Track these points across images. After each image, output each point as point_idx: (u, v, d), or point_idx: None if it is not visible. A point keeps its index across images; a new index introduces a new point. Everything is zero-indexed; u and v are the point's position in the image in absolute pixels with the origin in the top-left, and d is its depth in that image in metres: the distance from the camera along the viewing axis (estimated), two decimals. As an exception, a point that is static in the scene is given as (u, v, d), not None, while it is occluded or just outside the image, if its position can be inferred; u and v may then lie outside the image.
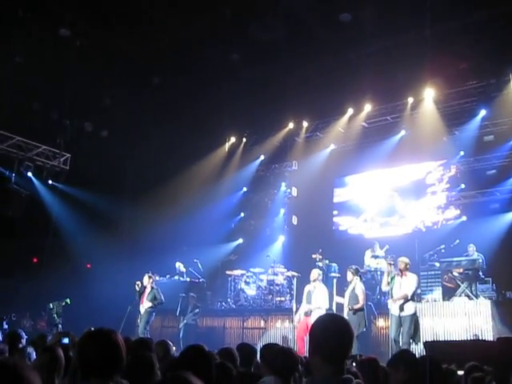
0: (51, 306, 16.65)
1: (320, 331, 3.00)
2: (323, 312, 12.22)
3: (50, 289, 17.24)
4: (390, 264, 11.81)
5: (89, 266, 20.26)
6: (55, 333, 11.90)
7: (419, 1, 13.39)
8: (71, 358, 5.06)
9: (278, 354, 4.93)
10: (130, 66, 16.77)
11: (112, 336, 3.16)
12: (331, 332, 2.95)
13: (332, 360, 2.89)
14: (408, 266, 11.54)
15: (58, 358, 5.02)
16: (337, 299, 12.81)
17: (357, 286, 12.18)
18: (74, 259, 18.83)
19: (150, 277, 14.73)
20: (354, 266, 12.60)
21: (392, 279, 11.58)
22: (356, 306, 11.88)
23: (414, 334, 11.28)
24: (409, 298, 11.33)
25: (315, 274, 12.77)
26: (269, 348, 5.78)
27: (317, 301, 12.39)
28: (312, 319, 12.18)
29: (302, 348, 11.88)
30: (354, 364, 6.41)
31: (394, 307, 11.39)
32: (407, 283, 11.38)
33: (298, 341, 12.55)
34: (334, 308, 12.56)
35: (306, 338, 12.43)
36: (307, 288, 12.81)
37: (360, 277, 12.48)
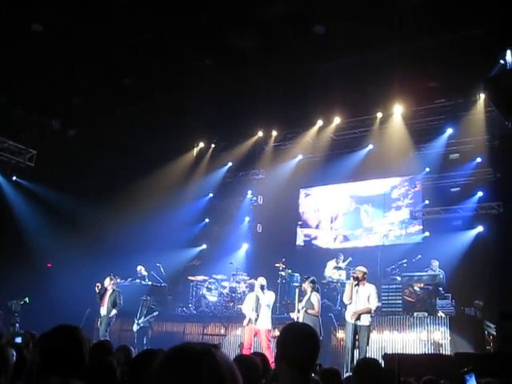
0: (9, 304, 16.39)
1: (288, 338, 3.01)
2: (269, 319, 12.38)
3: (8, 287, 16.94)
4: (354, 277, 11.81)
5: (49, 265, 19.95)
6: (9, 332, 11.73)
7: (392, 18, 13.58)
8: (25, 358, 4.96)
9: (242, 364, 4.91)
10: (100, 65, 16.62)
11: (76, 332, 3.13)
12: (298, 340, 2.97)
13: (299, 367, 2.90)
14: (365, 276, 11.59)
15: (6, 358, 4.91)
16: (292, 315, 12.84)
17: (312, 295, 12.19)
18: (34, 258, 18.53)
19: (111, 279, 14.62)
20: (310, 277, 12.61)
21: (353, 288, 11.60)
22: (310, 311, 11.87)
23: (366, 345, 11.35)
24: (372, 312, 11.39)
25: (264, 281, 12.81)
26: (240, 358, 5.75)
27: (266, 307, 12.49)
28: (261, 326, 12.28)
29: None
30: (313, 374, 6.42)
31: (349, 316, 11.42)
32: (368, 295, 11.41)
33: (246, 349, 12.47)
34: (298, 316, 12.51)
35: (254, 344, 12.50)
36: (254, 294, 12.82)
37: (317, 289, 12.43)
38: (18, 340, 7.06)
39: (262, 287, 12.62)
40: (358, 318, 11.18)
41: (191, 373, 1.54)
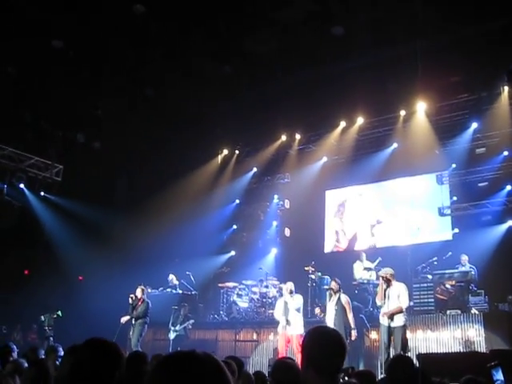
0: (42, 318, 16.56)
1: (314, 344, 2.99)
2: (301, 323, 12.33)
3: (41, 301, 17.14)
4: (384, 279, 11.70)
5: (81, 278, 20.16)
6: (48, 346, 11.83)
7: (412, 15, 13.51)
8: (47, 371, 5.01)
9: (283, 368, 4.90)
10: (123, 77, 16.78)
11: (109, 346, 3.14)
12: (325, 344, 2.94)
13: (326, 372, 2.88)
14: (393, 276, 11.49)
15: (46, 371, 4.98)
16: (317, 310, 12.83)
17: (342, 296, 12.17)
18: (65, 271, 18.73)
19: (142, 289, 14.67)
20: (336, 278, 12.62)
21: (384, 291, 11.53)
22: (348, 323, 11.89)
23: (405, 345, 11.23)
24: (403, 311, 11.31)
25: (292, 285, 12.78)
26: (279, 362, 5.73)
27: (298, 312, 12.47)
28: (293, 331, 12.24)
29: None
30: (346, 378, 6.38)
31: (383, 317, 11.35)
32: (398, 294, 11.32)
33: (280, 354, 12.45)
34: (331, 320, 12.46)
35: (289, 350, 12.46)
36: (283, 299, 12.80)
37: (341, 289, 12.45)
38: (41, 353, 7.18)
39: (291, 292, 12.59)
40: (391, 319, 11.09)
41: (193, 377, 1.57)
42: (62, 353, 6.93)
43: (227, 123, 19.26)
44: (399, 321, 11.22)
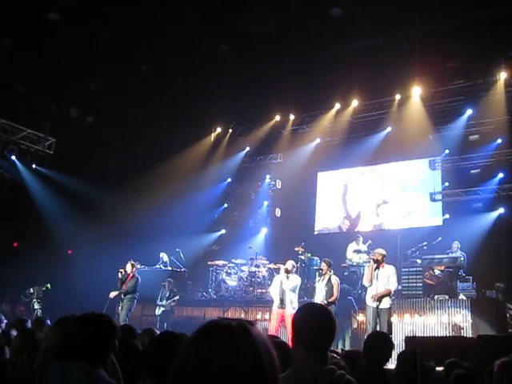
0: (31, 290, 16.55)
1: (303, 321, 3.00)
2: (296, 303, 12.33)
3: (30, 274, 17.11)
4: (373, 260, 11.77)
5: (70, 252, 20.14)
6: (35, 318, 11.83)
7: (410, -1, 13.44)
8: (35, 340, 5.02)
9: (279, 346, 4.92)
10: (118, 52, 16.64)
11: (108, 321, 3.15)
12: (314, 322, 2.95)
13: (315, 350, 2.89)
14: (384, 258, 11.56)
15: (37, 341, 4.99)
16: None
17: (332, 277, 12.22)
18: (55, 245, 18.70)
19: (132, 265, 14.66)
20: (327, 259, 12.65)
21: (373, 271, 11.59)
22: (331, 299, 11.92)
23: (390, 327, 11.33)
24: (392, 294, 11.38)
25: (290, 265, 12.76)
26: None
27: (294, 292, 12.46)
28: (287, 311, 12.25)
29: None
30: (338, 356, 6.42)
31: (370, 299, 11.42)
32: (388, 276, 11.39)
33: (273, 332, 12.48)
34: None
35: (280, 330, 12.48)
36: (279, 278, 12.78)
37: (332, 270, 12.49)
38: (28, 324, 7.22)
39: (287, 271, 12.58)
40: (379, 301, 11.16)
41: (225, 349, 1.49)
42: (49, 324, 6.94)
43: (221, 101, 19.18)
44: (386, 303, 11.31)
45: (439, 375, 5.65)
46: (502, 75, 16.17)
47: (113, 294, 14.23)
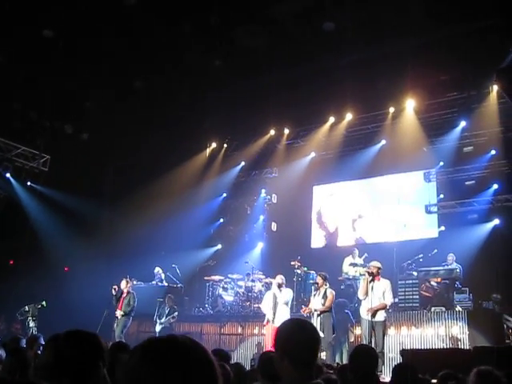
0: (27, 308, 16.48)
1: (287, 336, 2.99)
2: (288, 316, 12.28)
3: (25, 291, 17.06)
4: (368, 273, 11.76)
5: (66, 269, 20.08)
6: (30, 336, 11.79)
7: (402, 12, 13.53)
8: (25, 359, 5.00)
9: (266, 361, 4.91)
10: (111, 68, 16.67)
11: (95, 339, 3.13)
12: (298, 336, 2.94)
13: (301, 365, 2.88)
14: (380, 271, 11.57)
15: (28, 360, 4.96)
16: (302, 309, 12.85)
17: (327, 290, 12.22)
18: (51, 262, 18.64)
19: (127, 281, 14.65)
20: (322, 273, 12.65)
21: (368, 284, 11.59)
22: (321, 308, 11.90)
23: (382, 340, 11.32)
24: (387, 308, 11.38)
25: (280, 279, 12.74)
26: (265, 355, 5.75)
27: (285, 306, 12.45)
28: (276, 325, 12.19)
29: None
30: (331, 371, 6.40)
31: (364, 312, 11.40)
32: (383, 290, 11.39)
33: (268, 347, 12.43)
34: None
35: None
36: (271, 293, 12.75)
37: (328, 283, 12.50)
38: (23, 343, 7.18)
39: (280, 285, 12.57)
40: (373, 315, 11.15)
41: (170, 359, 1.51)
42: (43, 342, 6.91)
43: (216, 116, 19.23)
44: (380, 316, 11.31)
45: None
46: (495, 87, 16.22)
47: (119, 314, 14.24)
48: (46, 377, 3.24)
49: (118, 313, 14.27)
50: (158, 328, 15.50)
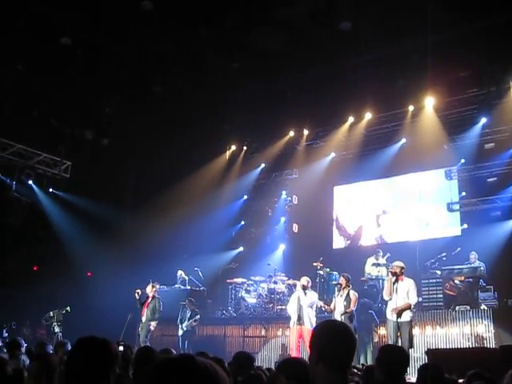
0: (51, 314, 16.59)
1: (324, 340, 2.95)
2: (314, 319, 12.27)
3: (50, 297, 17.18)
4: (392, 273, 11.68)
5: (89, 274, 20.21)
6: (56, 341, 11.89)
7: (420, 10, 13.43)
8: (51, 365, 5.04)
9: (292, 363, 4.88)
10: (131, 74, 16.79)
11: (104, 346, 3.13)
12: (336, 340, 2.90)
13: (337, 368, 2.85)
14: (403, 271, 11.49)
15: (53, 365, 4.98)
16: (319, 303, 12.86)
17: (351, 292, 12.21)
18: (74, 267, 18.77)
19: (153, 286, 14.69)
20: (346, 274, 12.64)
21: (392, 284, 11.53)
22: (347, 310, 11.90)
23: (411, 341, 11.23)
24: (412, 307, 11.30)
25: (305, 281, 12.74)
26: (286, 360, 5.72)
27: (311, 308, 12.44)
28: (305, 327, 12.18)
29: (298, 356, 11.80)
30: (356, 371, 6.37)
31: (390, 312, 11.33)
32: (407, 290, 11.31)
33: (292, 350, 12.43)
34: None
35: (301, 346, 12.39)
36: (296, 295, 12.76)
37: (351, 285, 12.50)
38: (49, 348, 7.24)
39: (304, 287, 12.55)
40: (399, 315, 11.07)
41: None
42: (69, 348, 6.96)
43: (235, 119, 19.27)
44: (406, 316, 11.22)
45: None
46: (515, 82, 16.10)
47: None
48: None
49: (143, 317, 14.33)
50: (180, 332, 15.54)
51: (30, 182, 18.90)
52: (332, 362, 2.84)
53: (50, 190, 19.63)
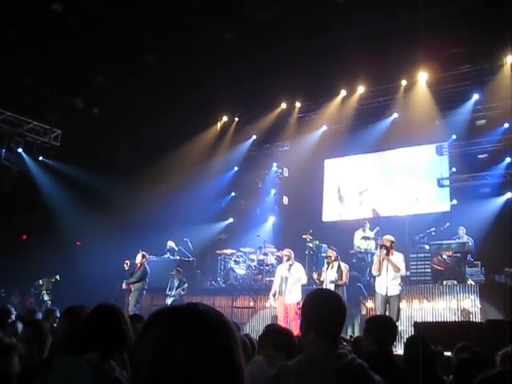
0: (41, 282, 16.63)
1: (314, 307, 2.98)
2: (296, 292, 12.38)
3: (39, 265, 17.20)
4: (382, 246, 11.76)
5: (79, 243, 20.22)
6: (45, 309, 11.90)
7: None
8: (42, 331, 5.06)
9: (280, 333, 4.91)
10: (122, 43, 16.62)
11: (119, 313, 3.17)
12: (325, 308, 2.94)
13: (327, 335, 2.88)
14: (393, 244, 11.61)
15: (45, 331, 5.02)
16: (314, 276, 13.00)
17: (341, 264, 12.33)
18: (64, 237, 18.77)
19: (143, 255, 14.66)
20: (332, 246, 12.79)
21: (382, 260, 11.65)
22: (339, 282, 12.01)
23: (398, 314, 11.38)
24: (402, 272, 11.43)
25: (287, 252, 12.83)
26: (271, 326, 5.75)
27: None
28: (287, 298, 12.30)
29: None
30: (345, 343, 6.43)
31: (380, 286, 11.45)
32: (396, 260, 11.44)
33: (281, 320, 12.51)
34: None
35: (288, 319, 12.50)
36: (281, 268, 12.87)
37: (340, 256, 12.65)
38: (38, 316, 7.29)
39: (288, 258, 12.67)
40: (389, 289, 11.23)
41: (174, 326, 1.51)
42: (59, 315, 6.99)
43: (227, 90, 19.12)
44: (395, 290, 11.35)
45: (449, 360, 5.65)
46: (509, 59, 16.08)
47: (124, 285, 14.31)
48: (63, 350, 3.27)
49: (124, 285, 14.33)
50: (168, 301, 15.60)
51: (20, 150, 18.79)
52: (321, 329, 2.88)
53: (40, 158, 19.53)
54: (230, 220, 21.56)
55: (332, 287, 11.82)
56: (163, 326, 1.53)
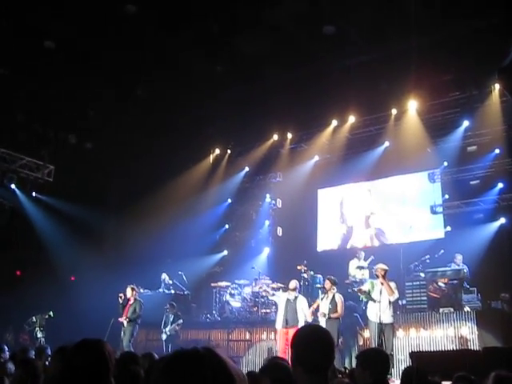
0: (34, 319, 16.50)
1: (301, 342, 3.00)
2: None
3: (33, 302, 17.07)
4: (378, 276, 11.75)
5: (73, 278, 20.11)
6: (38, 347, 11.79)
7: (402, 13, 13.51)
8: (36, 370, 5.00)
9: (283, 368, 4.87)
10: (113, 77, 16.70)
11: (101, 346, 3.12)
12: (312, 343, 2.95)
13: (315, 371, 2.88)
14: (386, 273, 11.64)
15: (38, 371, 4.96)
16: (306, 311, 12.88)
17: (336, 295, 12.25)
18: (57, 272, 18.68)
19: (133, 289, 14.62)
20: (331, 277, 12.67)
21: (373, 287, 11.67)
22: (334, 315, 11.94)
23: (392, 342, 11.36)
24: (396, 295, 11.43)
25: (294, 283, 12.78)
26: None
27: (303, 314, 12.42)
28: (292, 331, 12.18)
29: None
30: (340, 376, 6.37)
31: (373, 315, 11.44)
32: (390, 288, 11.44)
33: (280, 353, 12.42)
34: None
35: (288, 350, 12.39)
36: (285, 297, 12.79)
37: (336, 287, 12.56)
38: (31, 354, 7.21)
39: (294, 290, 12.63)
40: (382, 317, 11.19)
41: (193, 373, 1.52)
42: (50, 353, 6.93)
43: (219, 123, 19.21)
44: (388, 318, 11.33)
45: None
46: (497, 86, 16.23)
47: (124, 319, 14.22)
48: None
49: (123, 318, 14.23)
50: (164, 337, 15.48)
51: (13, 185, 18.77)
52: (308, 364, 2.89)
53: (33, 193, 19.51)
54: (225, 252, 21.49)
55: (323, 321, 11.79)
56: (161, 373, 1.57)
